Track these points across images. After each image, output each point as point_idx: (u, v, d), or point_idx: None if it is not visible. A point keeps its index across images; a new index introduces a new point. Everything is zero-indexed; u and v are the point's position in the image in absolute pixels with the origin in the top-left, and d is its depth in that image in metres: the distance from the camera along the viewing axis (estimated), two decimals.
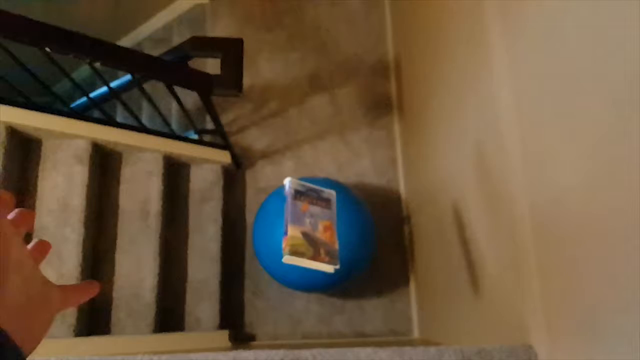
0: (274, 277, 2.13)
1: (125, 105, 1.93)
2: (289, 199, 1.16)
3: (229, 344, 2.15)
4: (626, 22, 0.87)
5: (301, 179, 1.27)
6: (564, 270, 1.09)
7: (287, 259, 1.07)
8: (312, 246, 1.14)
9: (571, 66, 1.06)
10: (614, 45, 0.91)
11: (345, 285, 2.13)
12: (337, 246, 1.16)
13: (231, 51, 1.73)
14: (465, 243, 1.71)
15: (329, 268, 1.13)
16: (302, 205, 1.18)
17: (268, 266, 2.09)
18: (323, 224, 1.18)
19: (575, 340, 1.05)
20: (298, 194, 1.19)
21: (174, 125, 2.50)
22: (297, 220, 1.14)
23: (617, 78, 0.90)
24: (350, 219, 2.03)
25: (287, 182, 1.19)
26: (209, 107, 1.87)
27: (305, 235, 1.14)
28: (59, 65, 1.58)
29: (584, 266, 1.02)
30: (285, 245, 1.08)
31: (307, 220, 1.17)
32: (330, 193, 1.24)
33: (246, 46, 1.75)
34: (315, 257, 1.12)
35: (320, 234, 1.16)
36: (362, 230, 2.06)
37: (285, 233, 1.09)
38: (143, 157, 2.21)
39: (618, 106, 0.90)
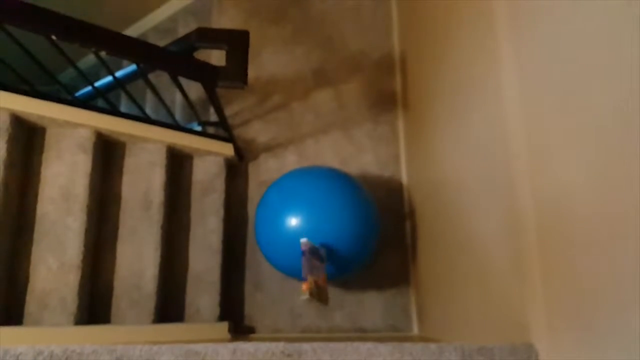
0: (275, 266, 2.14)
1: (129, 96, 1.93)
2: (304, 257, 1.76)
3: (229, 335, 2.16)
4: (630, 23, 0.86)
5: (306, 167, 1.71)
6: (567, 269, 1.09)
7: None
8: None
9: (577, 65, 1.05)
10: (619, 45, 0.91)
11: (346, 276, 2.13)
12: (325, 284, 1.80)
13: (237, 43, 1.72)
14: (467, 240, 1.71)
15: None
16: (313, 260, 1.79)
17: (269, 255, 2.11)
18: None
19: (577, 339, 1.05)
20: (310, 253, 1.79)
21: (178, 117, 2.50)
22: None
23: (621, 78, 0.89)
24: (354, 207, 2.03)
25: (302, 241, 1.80)
26: (213, 99, 1.87)
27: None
28: (65, 54, 1.58)
29: (587, 265, 1.02)
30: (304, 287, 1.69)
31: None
32: (323, 251, 1.86)
33: (251, 39, 1.74)
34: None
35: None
36: (365, 217, 2.07)
37: (305, 278, 1.69)
38: (146, 148, 2.21)
39: (622, 106, 0.89)
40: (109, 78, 1.91)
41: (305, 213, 1.98)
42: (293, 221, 1.95)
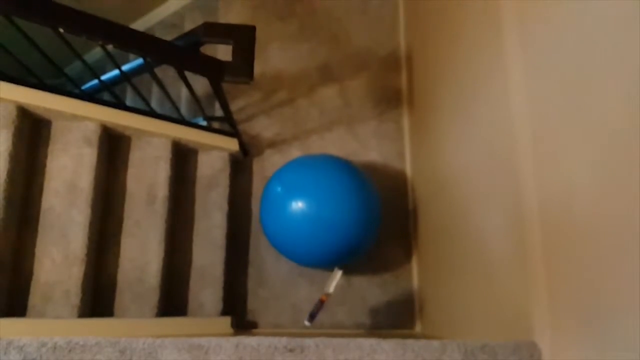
0: (281, 252, 2.18)
1: (136, 89, 1.93)
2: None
3: (231, 330, 2.16)
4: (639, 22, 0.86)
5: (310, 155, 2.32)
6: (570, 268, 1.09)
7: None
8: None
9: (585, 66, 1.05)
10: (627, 46, 0.90)
11: (349, 263, 2.15)
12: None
13: (243, 38, 1.72)
14: (471, 239, 1.70)
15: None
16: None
17: (275, 241, 2.14)
18: None
19: (579, 337, 1.05)
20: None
21: (183, 111, 2.50)
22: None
23: (629, 78, 0.89)
24: (356, 193, 2.08)
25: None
26: (218, 94, 1.86)
27: None
28: (72, 47, 1.58)
29: (591, 265, 1.02)
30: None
31: None
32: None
33: (257, 34, 1.74)
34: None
35: None
36: (367, 203, 2.10)
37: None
38: (152, 142, 2.21)
39: (630, 106, 0.89)
40: (116, 72, 1.91)
41: (307, 198, 2.01)
42: (297, 206, 2.00)
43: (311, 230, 2.01)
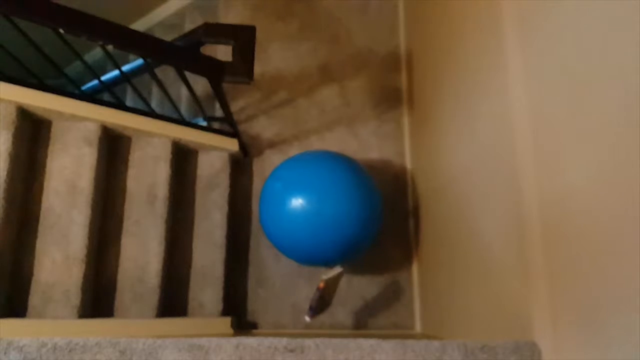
0: (282, 251, 2.19)
1: (136, 90, 1.93)
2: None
3: (232, 330, 2.16)
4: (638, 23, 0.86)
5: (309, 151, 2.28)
6: (571, 268, 1.09)
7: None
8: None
9: (585, 66, 1.05)
10: (627, 47, 0.90)
11: (348, 261, 2.15)
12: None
13: (243, 38, 1.72)
14: (471, 238, 1.70)
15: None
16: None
17: (276, 240, 2.14)
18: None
19: (580, 338, 1.05)
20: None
21: (183, 112, 2.50)
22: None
23: (630, 77, 0.89)
24: (357, 190, 2.08)
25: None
26: (219, 94, 1.87)
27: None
28: (72, 47, 1.58)
29: (591, 265, 1.02)
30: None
31: None
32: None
33: (258, 34, 1.74)
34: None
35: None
36: (368, 199, 2.11)
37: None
38: (152, 142, 2.21)
39: (629, 105, 0.89)
40: (116, 72, 1.91)
41: (307, 195, 2.01)
42: (296, 202, 1.99)
43: (311, 228, 2.01)
